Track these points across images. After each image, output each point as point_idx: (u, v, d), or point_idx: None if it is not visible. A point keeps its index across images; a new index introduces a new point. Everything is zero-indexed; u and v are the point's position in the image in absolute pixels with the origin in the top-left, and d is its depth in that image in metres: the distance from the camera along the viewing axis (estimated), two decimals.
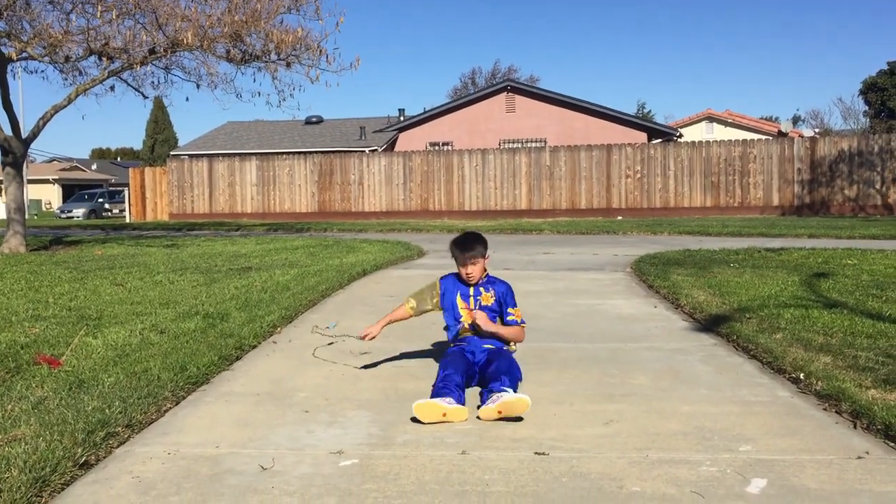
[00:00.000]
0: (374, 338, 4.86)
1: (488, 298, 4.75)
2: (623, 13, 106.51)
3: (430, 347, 5.73)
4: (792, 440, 3.63)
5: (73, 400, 4.05)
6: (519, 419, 3.92)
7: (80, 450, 3.36)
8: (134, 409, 3.92)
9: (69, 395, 4.17)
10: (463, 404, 4.00)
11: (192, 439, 3.70)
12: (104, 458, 3.45)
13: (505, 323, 4.73)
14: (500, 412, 3.91)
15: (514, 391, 4.08)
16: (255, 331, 6.01)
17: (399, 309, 4.99)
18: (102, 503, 3.00)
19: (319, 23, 15.46)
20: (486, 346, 4.62)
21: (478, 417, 3.95)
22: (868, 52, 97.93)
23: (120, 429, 3.69)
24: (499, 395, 3.98)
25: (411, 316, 4.97)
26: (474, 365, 4.50)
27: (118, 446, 3.58)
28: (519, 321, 4.74)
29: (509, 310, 4.74)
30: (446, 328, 4.91)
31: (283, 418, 4.03)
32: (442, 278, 4.91)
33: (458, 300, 4.75)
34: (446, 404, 3.91)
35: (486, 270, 4.83)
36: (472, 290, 4.76)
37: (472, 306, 4.71)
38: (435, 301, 4.86)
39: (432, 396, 4.03)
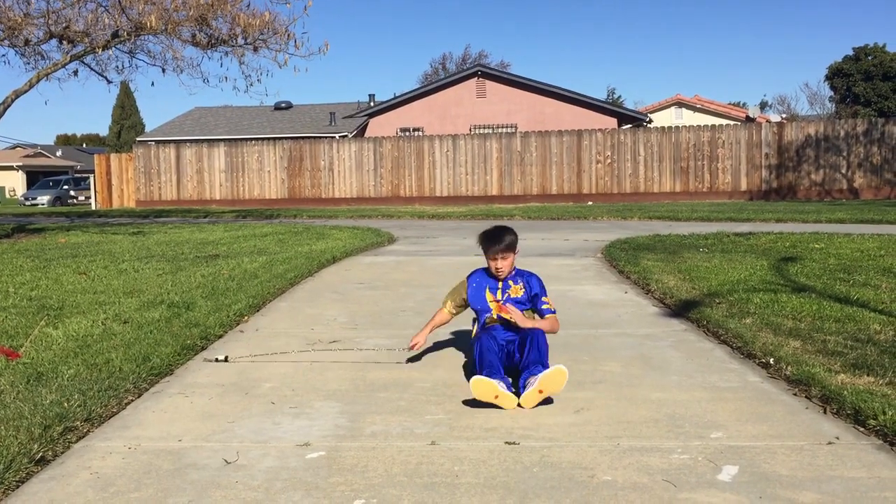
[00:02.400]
0: (421, 346, 4.75)
1: (517, 290, 4.61)
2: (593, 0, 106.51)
3: (402, 334, 5.66)
4: (763, 426, 3.61)
5: (31, 393, 3.93)
6: (549, 401, 3.94)
7: (36, 445, 3.26)
8: (94, 402, 3.82)
9: (27, 388, 4.05)
10: (511, 392, 3.94)
11: (153, 433, 3.60)
12: (62, 453, 3.34)
13: (539, 311, 4.58)
14: (541, 391, 3.91)
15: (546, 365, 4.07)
16: (222, 320, 5.90)
17: (438, 314, 4.85)
18: (59, 501, 2.89)
19: (287, 6, 15.25)
20: (510, 337, 4.48)
21: (519, 405, 3.91)
22: (834, 38, 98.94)
23: (79, 423, 3.59)
24: (534, 377, 3.95)
25: (453, 317, 4.85)
26: (505, 353, 4.38)
27: (77, 441, 3.48)
28: (552, 309, 4.59)
29: (543, 299, 4.59)
30: (475, 320, 4.75)
31: (248, 410, 3.94)
32: (470, 275, 4.78)
33: (487, 293, 4.62)
34: (500, 387, 3.89)
35: (514, 264, 4.67)
36: (500, 284, 4.62)
37: (500, 298, 4.58)
38: (464, 297, 4.74)
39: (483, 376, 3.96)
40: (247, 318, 6.29)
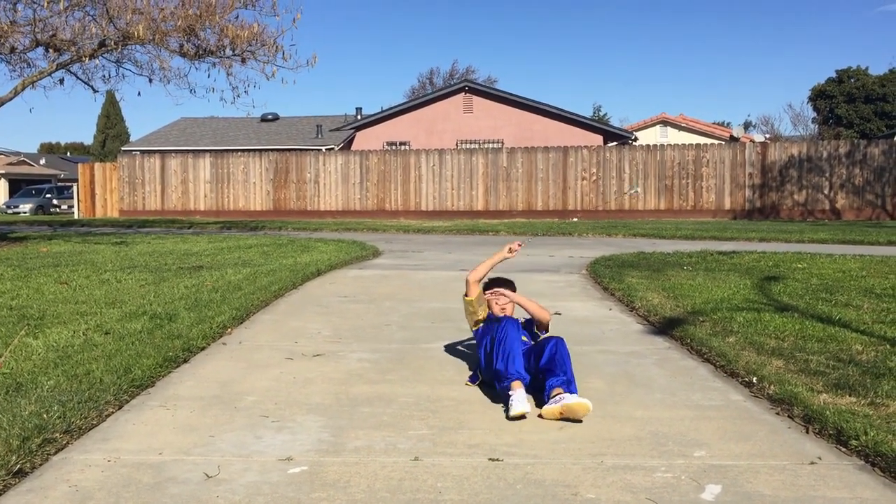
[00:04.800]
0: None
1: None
2: (580, 17, 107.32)
3: (386, 348, 5.64)
4: (745, 445, 3.62)
5: (10, 404, 3.88)
6: (578, 421, 3.94)
7: (14, 457, 3.22)
8: (73, 413, 3.77)
9: (6, 398, 3.99)
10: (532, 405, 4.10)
11: (133, 446, 3.56)
12: (40, 465, 3.30)
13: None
14: (561, 413, 3.95)
15: (573, 390, 4.13)
16: (205, 332, 5.85)
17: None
18: None
19: (276, 19, 15.38)
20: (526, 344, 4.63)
21: (539, 416, 4.01)
22: (817, 60, 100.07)
23: (58, 435, 3.54)
24: (561, 396, 4.01)
25: (475, 291, 4.91)
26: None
27: (55, 453, 3.43)
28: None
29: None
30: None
31: (230, 423, 3.90)
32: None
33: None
34: (528, 410, 4.02)
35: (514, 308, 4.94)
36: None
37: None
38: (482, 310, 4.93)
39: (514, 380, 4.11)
40: (230, 330, 6.25)
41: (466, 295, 4.93)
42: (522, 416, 3.97)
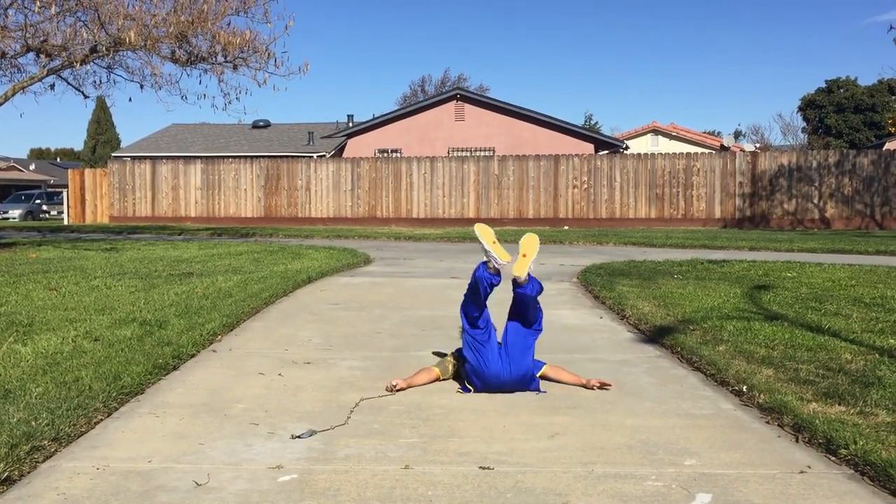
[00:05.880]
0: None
1: None
2: (573, 26, 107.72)
3: (377, 356, 5.63)
4: (735, 454, 3.63)
5: None
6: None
7: (2, 465, 3.20)
8: (62, 421, 3.75)
9: None
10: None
11: (122, 453, 3.54)
12: (28, 473, 3.28)
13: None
14: (524, 255, 4.73)
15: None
16: (195, 339, 5.83)
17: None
18: None
19: (268, 26, 15.28)
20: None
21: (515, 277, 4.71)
22: (807, 70, 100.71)
23: (46, 442, 3.52)
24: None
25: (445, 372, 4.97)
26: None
27: (44, 461, 3.41)
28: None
29: None
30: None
31: (220, 431, 3.89)
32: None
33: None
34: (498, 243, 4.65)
35: None
36: None
37: None
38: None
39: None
40: (220, 337, 6.23)
41: (443, 376, 4.93)
42: (507, 261, 4.64)
